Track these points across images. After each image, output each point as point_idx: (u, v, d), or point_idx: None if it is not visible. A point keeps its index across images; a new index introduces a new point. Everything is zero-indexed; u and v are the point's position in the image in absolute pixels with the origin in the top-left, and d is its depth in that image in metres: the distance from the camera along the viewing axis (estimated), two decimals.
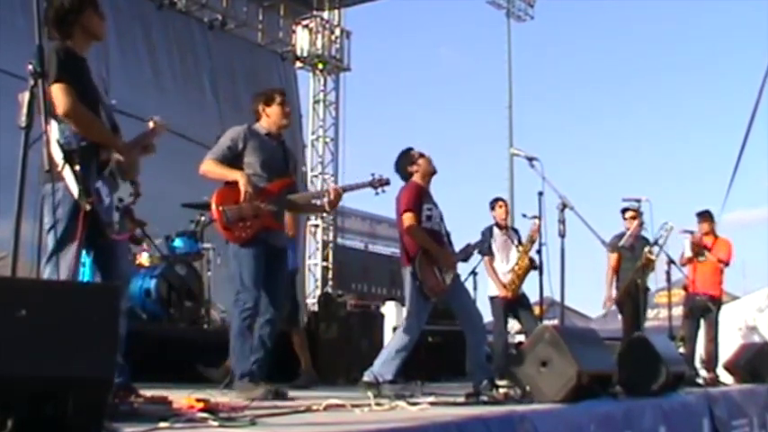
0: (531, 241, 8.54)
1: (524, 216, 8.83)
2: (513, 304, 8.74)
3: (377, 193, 5.96)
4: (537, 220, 7.38)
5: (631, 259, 9.17)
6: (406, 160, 6.50)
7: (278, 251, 5.65)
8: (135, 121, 5.03)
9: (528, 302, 8.84)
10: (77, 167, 3.97)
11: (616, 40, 45.06)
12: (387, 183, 5.98)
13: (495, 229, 8.90)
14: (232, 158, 5.58)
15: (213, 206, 5.49)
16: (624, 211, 9.36)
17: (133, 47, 12.14)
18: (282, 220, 5.78)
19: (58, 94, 4.01)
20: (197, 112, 12.79)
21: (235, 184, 5.42)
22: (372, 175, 5.91)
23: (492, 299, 8.87)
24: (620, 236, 9.31)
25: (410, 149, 6.55)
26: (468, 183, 35.64)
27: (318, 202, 6.08)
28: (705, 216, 9.76)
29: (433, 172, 6.52)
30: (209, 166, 5.57)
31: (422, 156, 6.50)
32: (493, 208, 9.12)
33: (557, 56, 43.84)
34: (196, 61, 13.32)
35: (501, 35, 24.78)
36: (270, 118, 5.78)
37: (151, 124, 4.88)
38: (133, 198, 4.60)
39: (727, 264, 9.68)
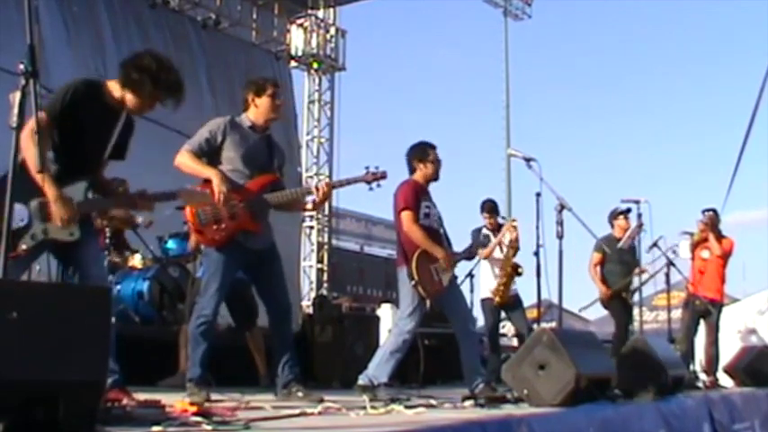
0: (513, 248, 8.58)
1: (503, 219, 8.87)
2: (506, 306, 8.76)
3: (371, 189, 5.62)
4: (514, 225, 7.32)
5: (625, 263, 9.11)
6: (419, 153, 6.29)
7: (258, 253, 5.39)
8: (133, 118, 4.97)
9: (520, 303, 8.84)
10: None
11: (614, 38, 45.25)
12: (383, 176, 5.63)
13: (485, 231, 8.85)
14: (209, 152, 5.31)
15: (187, 207, 5.21)
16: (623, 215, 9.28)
17: (129, 43, 12.05)
18: (263, 221, 5.44)
19: (32, 120, 3.69)
20: (194, 109, 12.59)
21: (210, 182, 5.15)
22: (367, 168, 5.59)
23: (483, 301, 8.90)
24: (608, 238, 9.23)
25: (430, 147, 6.33)
26: (465, 184, 35.57)
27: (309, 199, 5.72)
28: (710, 214, 9.61)
29: (435, 178, 6.35)
30: (184, 159, 5.30)
31: (435, 161, 6.29)
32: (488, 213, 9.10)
33: (555, 55, 43.87)
34: (192, 59, 13.25)
35: (498, 34, 24.82)
36: (258, 109, 5.48)
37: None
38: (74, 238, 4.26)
39: (723, 257, 9.58)
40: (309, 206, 5.74)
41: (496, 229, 8.97)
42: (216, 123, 5.40)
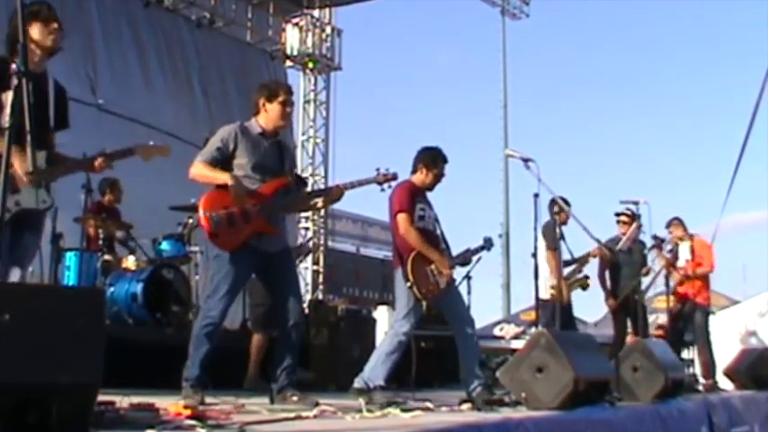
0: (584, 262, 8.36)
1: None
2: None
3: (382, 190, 5.68)
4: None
5: (629, 264, 9.03)
6: (429, 159, 6.26)
7: (271, 256, 5.35)
8: (123, 121, 4.94)
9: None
10: None
11: (613, 37, 45.05)
12: (393, 177, 5.67)
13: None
14: (222, 160, 5.29)
15: (201, 212, 5.19)
16: (618, 215, 9.25)
17: (120, 46, 12.03)
18: (277, 223, 5.43)
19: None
20: (186, 111, 12.70)
21: (225, 187, 5.15)
22: (377, 169, 5.60)
23: (543, 302, 7.85)
24: (614, 240, 9.22)
25: (443, 159, 6.29)
26: (463, 184, 35.49)
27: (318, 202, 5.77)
28: (675, 222, 9.72)
29: (430, 189, 6.33)
30: (198, 170, 5.28)
31: (439, 174, 6.27)
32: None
33: (553, 54, 43.79)
34: (185, 60, 13.23)
35: (496, 33, 24.83)
36: (268, 114, 5.44)
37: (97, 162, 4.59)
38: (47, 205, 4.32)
39: (712, 269, 9.62)
40: (320, 204, 5.68)
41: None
42: (227, 131, 5.37)
